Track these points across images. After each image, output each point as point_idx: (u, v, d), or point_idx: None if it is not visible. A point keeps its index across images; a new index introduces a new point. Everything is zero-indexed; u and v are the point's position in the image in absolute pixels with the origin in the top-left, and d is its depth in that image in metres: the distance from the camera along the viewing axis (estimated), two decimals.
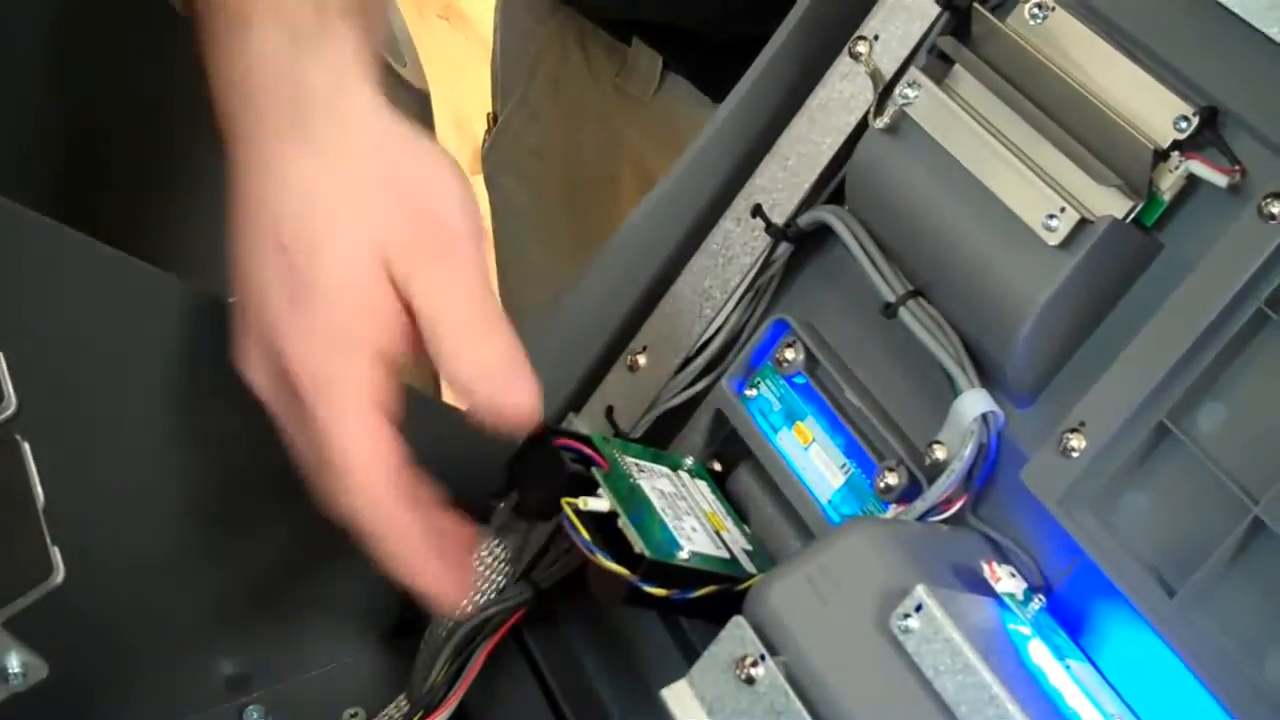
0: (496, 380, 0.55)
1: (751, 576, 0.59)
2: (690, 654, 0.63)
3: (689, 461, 0.65)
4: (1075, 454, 0.52)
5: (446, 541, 0.57)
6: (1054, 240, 0.53)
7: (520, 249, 1.11)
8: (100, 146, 0.83)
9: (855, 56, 0.62)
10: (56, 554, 0.51)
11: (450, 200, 0.55)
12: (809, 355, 0.63)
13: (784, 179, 0.65)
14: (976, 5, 0.58)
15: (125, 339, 0.58)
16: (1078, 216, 0.53)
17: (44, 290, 0.55)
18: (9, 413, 0.53)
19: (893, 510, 0.58)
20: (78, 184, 0.81)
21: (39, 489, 0.53)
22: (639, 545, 0.56)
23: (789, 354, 0.63)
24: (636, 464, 0.62)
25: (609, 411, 0.68)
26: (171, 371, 0.60)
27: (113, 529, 0.61)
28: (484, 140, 1.13)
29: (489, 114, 1.12)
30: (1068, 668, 0.50)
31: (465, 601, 0.60)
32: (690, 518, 0.60)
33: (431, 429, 0.67)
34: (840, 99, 0.63)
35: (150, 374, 0.60)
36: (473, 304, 0.55)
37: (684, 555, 0.57)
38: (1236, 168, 0.51)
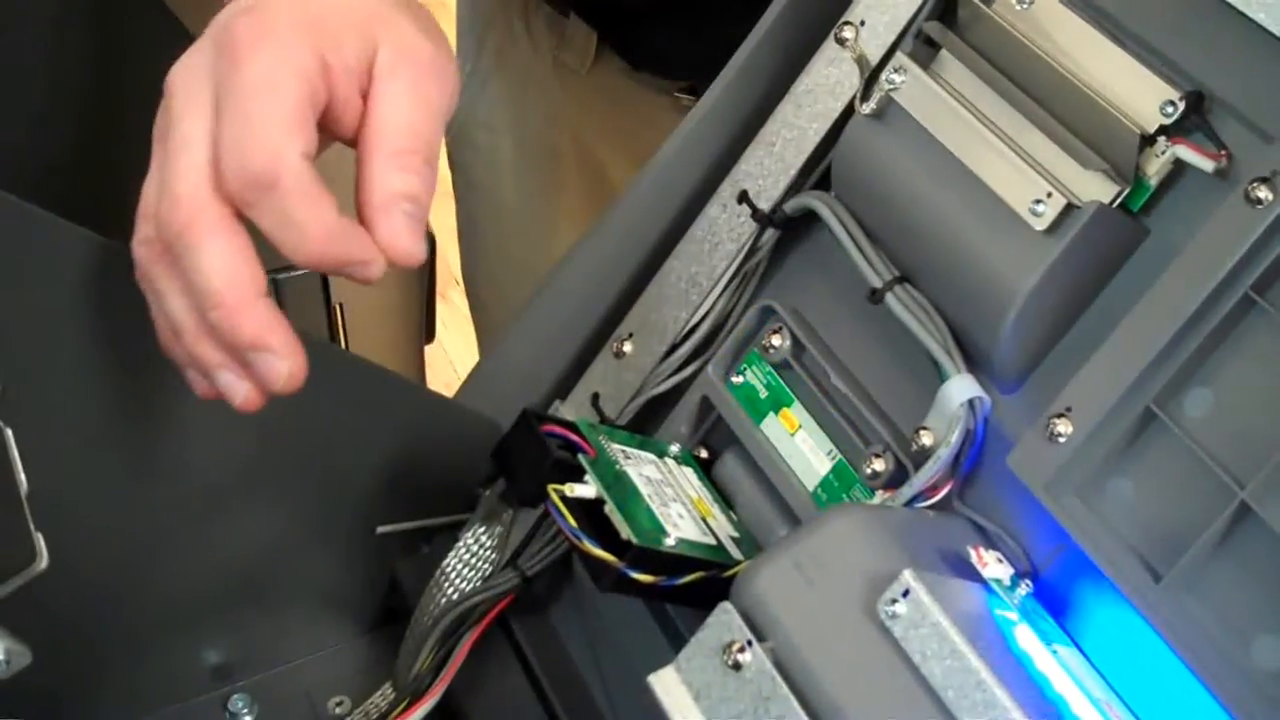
0: (395, 211, 0.51)
1: (738, 563, 0.59)
2: (677, 640, 0.63)
3: (675, 448, 0.65)
4: (1062, 439, 0.52)
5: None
6: (1040, 225, 0.53)
7: (475, 221, 1.12)
8: (88, 138, 0.83)
9: (841, 42, 0.62)
10: (40, 540, 0.51)
11: (448, 49, 0.54)
12: (795, 341, 0.63)
13: (770, 165, 0.64)
14: None
15: (109, 326, 0.58)
16: (1064, 201, 0.53)
17: (25, 276, 0.55)
18: None
19: (879, 496, 0.58)
20: (69, 175, 0.81)
21: (22, 475, 0.52)
22: (625, 531, 0.56)
23: (775, 340, 0.63)
24: (623, 450, 0.62)
25: (595, 398, 0.68)
26: (156, 359, 0.60)
27: (97, 517, 0.61)
28: None
29: None
30: (1054, 653, 0.50)
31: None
32: (677, 504, 0.60)
33: (418, 417, 0.67)
34: (826, 84, 0.63)
35: (135, 362, 0.59)
36: (420, 133, 0.52)
37: (671, 541, 0.57)
38: (1223, 152, 0.51)
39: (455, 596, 0.66)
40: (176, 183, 0.49)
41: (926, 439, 0.56)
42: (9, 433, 0.53)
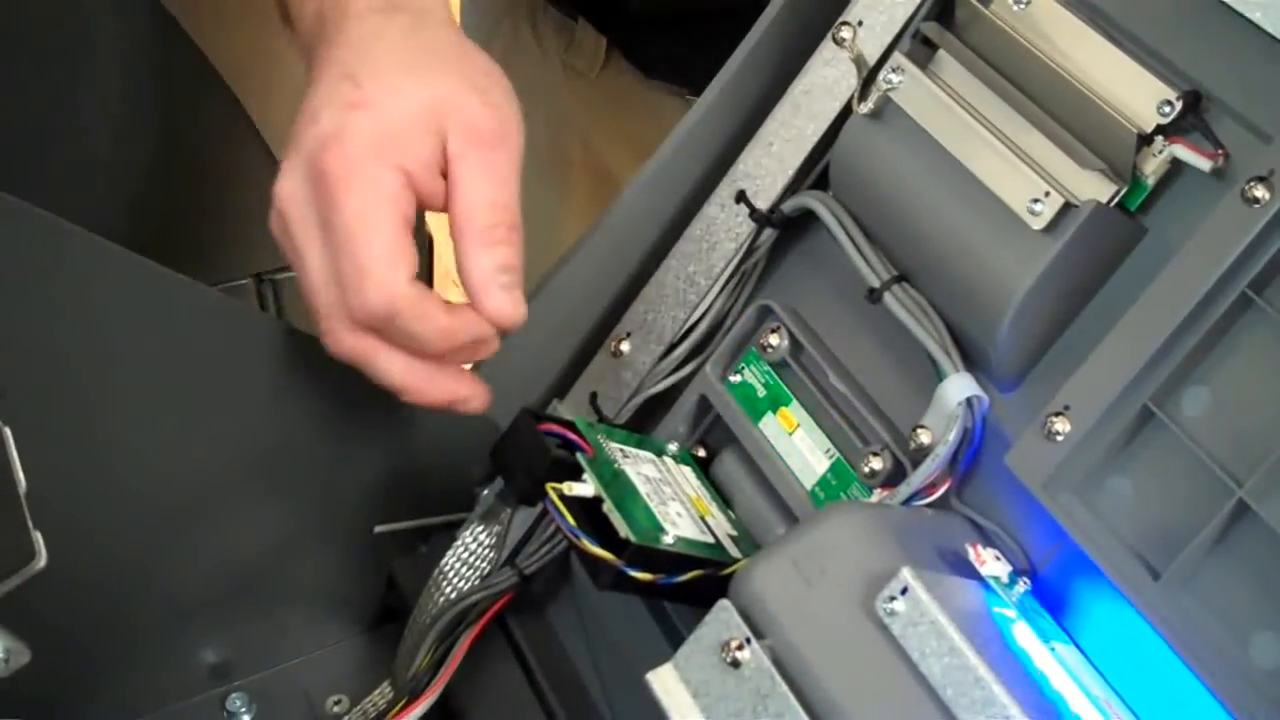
0: (493, 288, 0.57)
1: (736, 561, 0.59)
2: (675, 638, 0.63)
3: (673, 447, 0.65)
4: (1060, 438, 0.52)
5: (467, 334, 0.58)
6: (1038, 225, 0.53)
7: None
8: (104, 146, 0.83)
9: (839, 42, 0.62)
10: (39, 539, 0.51)
11: (509, 103, 0.60)
12: (793, 341, 0.63)
13: (768, 165, 0.65)
14: None
15: (109, 326, 0.58)
16: (1062, 201, 0.53)
17: (25, 276, 0.55)
18: None
19: (877, 495, 0.58)
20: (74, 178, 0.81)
21: (20, 474, 0.52)
22: (624, 530, 0.56)
23: (773, 339, 0.63)
24: (621, 449, 0.62)
25: (593, 397, 0.68)
26: (155, 359, 0.60)
27: (95, 516, 0.61)
28: None
29: None
30: (1053, 650, 0.50)
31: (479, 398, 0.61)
32: (675, 503, 0.60)
33: (416, 416, 0.67)
34: (824, 84, 0.63)
35: (134, 361, 0.59)
36: (499, 204, 0.58)
37: (669, 540, 0.57)
38: (1220, 151, 0.51)
39: (453, 595, 0.66)
40: (326, 321, 0.57)
41: (924, 437, 0.57)
42: (8, 432, 0.53)
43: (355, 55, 0.58)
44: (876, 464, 0.58)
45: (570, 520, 0.57)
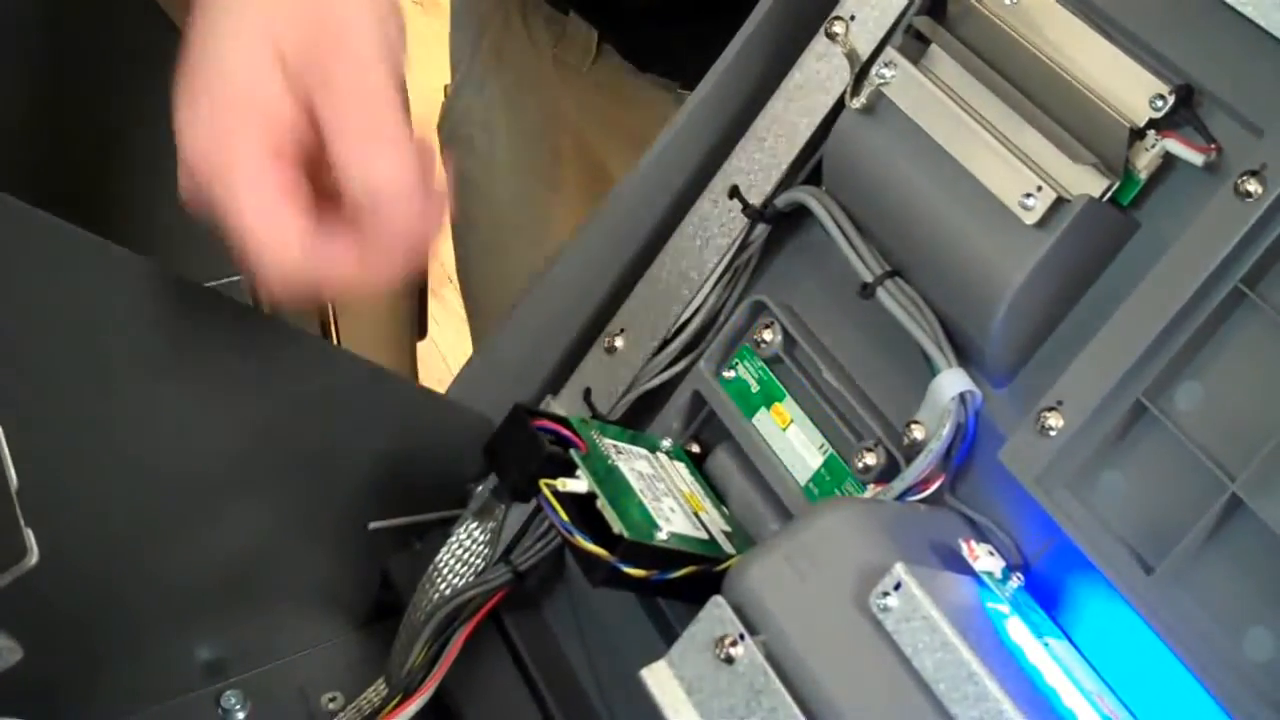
0: (390, 194, 0.53)
1: (730, 557, 0.59)
2: (669, 635, 0.63)
3: (667, 443, 0.65)
4: (1053, 433, 0.52)
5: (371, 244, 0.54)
6: (1031, 219, 0.53)
7: (470, 219, 1.12)
8: (77, 135, 0.83)
9: (831, 37, 0.62)
10: (30, 536, 0.51)
11: (356, 8, 0.54)
12: (787, 336, 0.63)
13: (761, 160, 0.65)
14: None
15: (100, 323, 0.58)
16: (1054, 195, 0.53)
17: (14, 272, 0.55)
18: None
19: (871, 490, 0.58)
20: (56, 171, 0.81)
21: (11, 471, 0.52)
22: (617, 526, 0.56)
23: (767, 335, 0.63)
24: (615, 445, 0.62)
25: (587, 393, 0.68)
26: (146, 357, 0.60)
27: (88, 513, 0.61)
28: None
29: (445, 85, 1.13)
30: (1046, 645, 0.50)
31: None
32: (669, 499, 0.60)
33: (410, 413, 0.67)
34: (817, 79, 0.63)
35: (125, 359, 0.59)
36: (370, 111, 0.53)
37: (662, 536, 0.57)
38: (1212, 146, 0.51)
39: (448, 592, 0.67)
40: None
41: (918, 433, 0.56)
42: None
43: (202, 38, 0.54)
44: (870, 459, 0.58)
45: (564, 516, 0.57)
